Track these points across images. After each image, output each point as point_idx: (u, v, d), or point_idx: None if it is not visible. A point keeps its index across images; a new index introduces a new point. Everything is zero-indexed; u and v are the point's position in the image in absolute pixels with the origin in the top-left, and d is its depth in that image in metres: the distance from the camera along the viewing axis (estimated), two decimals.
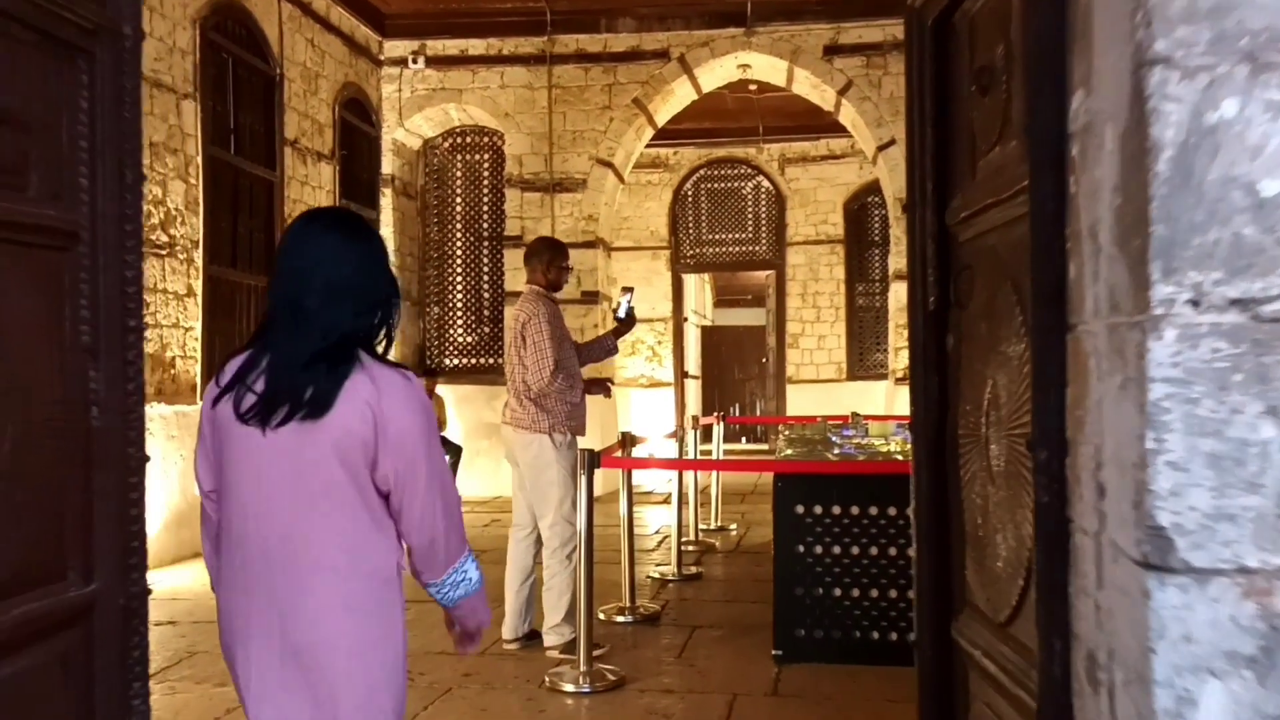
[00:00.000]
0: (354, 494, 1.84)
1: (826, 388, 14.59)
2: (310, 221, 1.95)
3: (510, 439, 4.83)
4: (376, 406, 1.81)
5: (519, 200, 10.72)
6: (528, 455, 4.75)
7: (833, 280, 14.83)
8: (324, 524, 1.84)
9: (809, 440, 5.91)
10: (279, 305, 1.88)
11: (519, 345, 4.72)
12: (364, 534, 1.86)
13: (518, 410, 4.78)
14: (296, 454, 1.83)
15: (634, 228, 14.92)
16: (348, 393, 1.81)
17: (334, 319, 1.83)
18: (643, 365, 14.94)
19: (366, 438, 1.81)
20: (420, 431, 1.86)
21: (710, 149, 14.89)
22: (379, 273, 1.94)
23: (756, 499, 10.13)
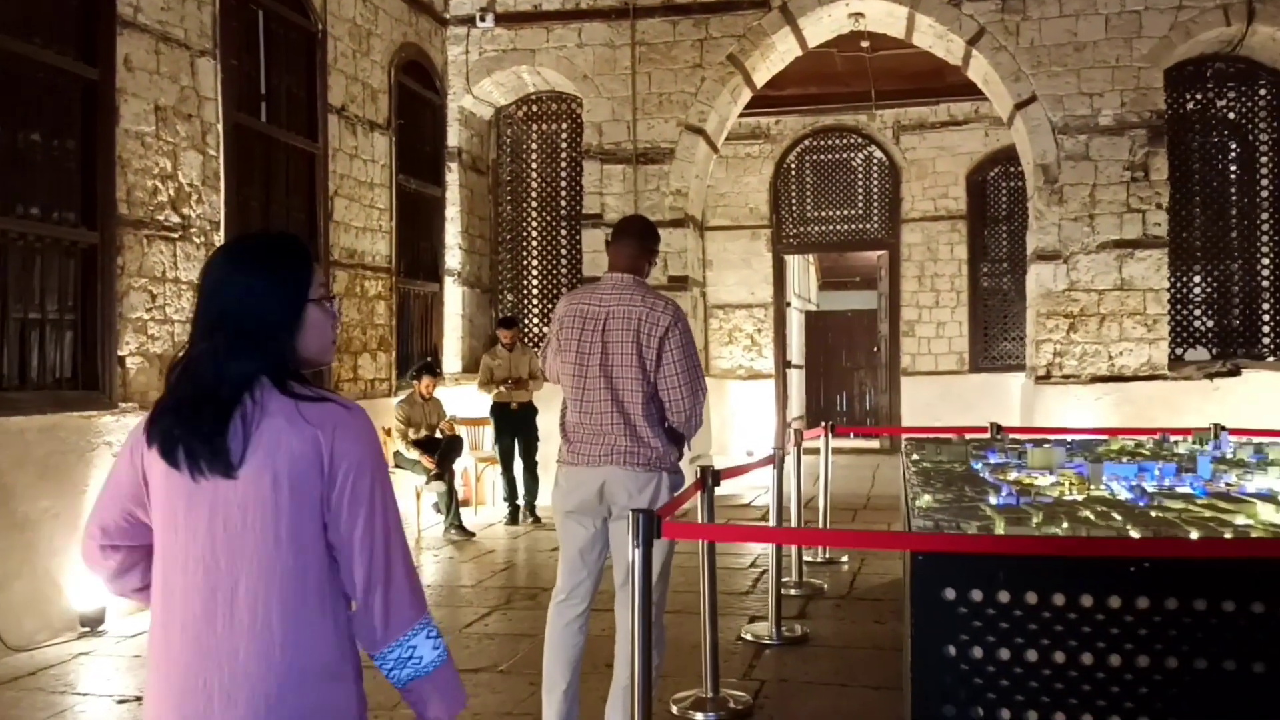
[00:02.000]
0: (293, 560, 1.64)
1: (946, 380, 13.11)
2: (214, 253, 1.81)
3: (613, 480, 3.62)
4: (313, 442, 1.64)
5: (599, 173, 9.48)
6: (642, 497, 3.59)
7: (953, 260, 13.29)
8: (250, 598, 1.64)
9: (945, 471, 4.54)
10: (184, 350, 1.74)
11: (647, 355, 3.62)
12: (305, 615, 1.64)
13: (627, 441, 3.63)
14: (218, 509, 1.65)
15: (731, 205, 13.60)
16: (273, 432, 1.64)
17: (217, 358, 1.67)
18: (741, 355, 13.64)
19: (301, 481, 1.63)
20: (365, 465, 1.67)
21: (816, 116, 13.48)
22: (266, 300, 1.70)
23: (870, 516, 8.75)
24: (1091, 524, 3.13)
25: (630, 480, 3.60)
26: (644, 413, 3.61)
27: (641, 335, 3.60)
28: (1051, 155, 8.69)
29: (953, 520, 3.20)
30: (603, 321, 3.65)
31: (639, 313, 3.62)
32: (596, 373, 3.63)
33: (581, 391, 3.66)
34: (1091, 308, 8.64)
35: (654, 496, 3.63)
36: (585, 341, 3.66)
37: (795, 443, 6.43)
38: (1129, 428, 6.61)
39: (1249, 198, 9.02)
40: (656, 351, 3.60)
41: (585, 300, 3.73)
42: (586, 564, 3.74)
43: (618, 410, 3.61)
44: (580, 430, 3.68)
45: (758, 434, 13.53)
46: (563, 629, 3.77)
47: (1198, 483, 4.08)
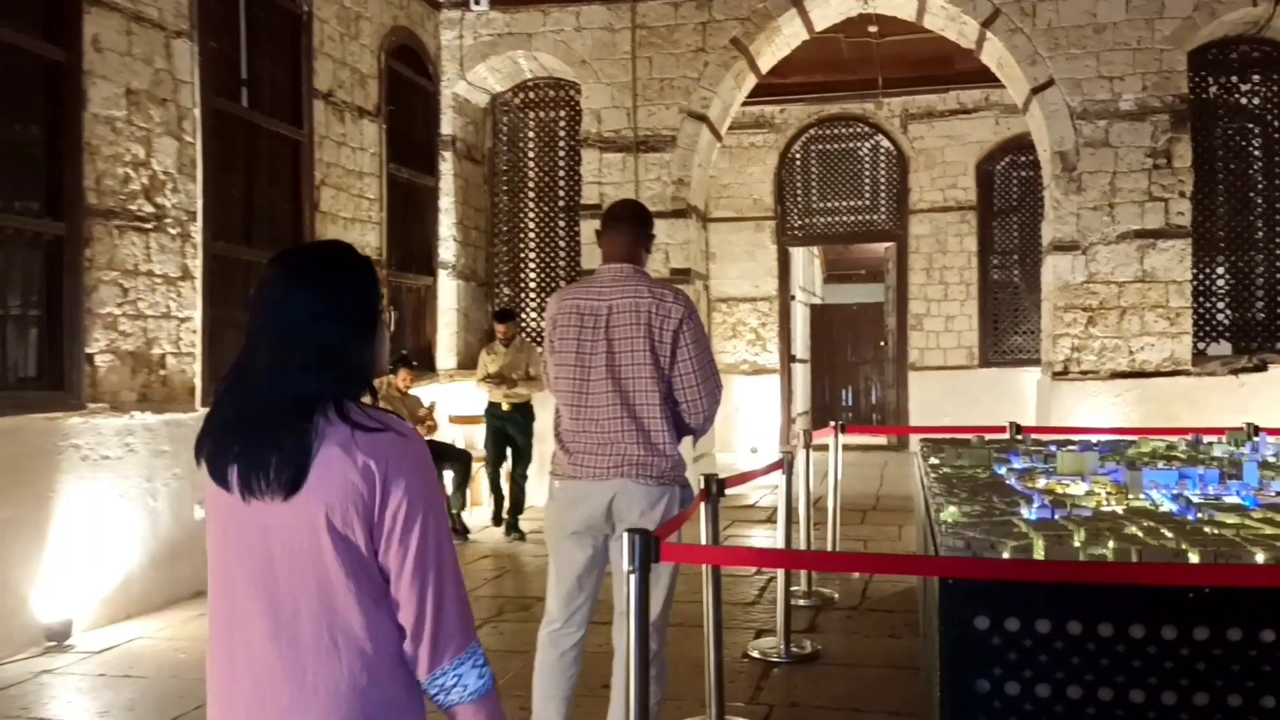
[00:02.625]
0: (350, 589, 1.60)
1: (955, 375, 12.77)
2: (269, 265, 1.71)
3: (624, 495, 3.27)
4: (365, 473, 1.58)
5: (597, 162, 9.14)
6: (653, 516, 3.24)
7: (963, 252, 12.94)
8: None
9: (968, 477, 4.21)
10: (235, 362, 1.68)
11: (661, 352, 3.27)
12: (366, 642, 1.61)
13: (640, 451, 3.27)
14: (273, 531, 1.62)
15: (734, 196, 13.27)
16: (326, 460, 1.59)
17: (278, 377, 1.62)
18: (745, 350, 13.31)
19: (354, 511, 1.59)
20: (417, 495, 1.61)
21: (822, 105, 13.12)
22: (333, 317, 1.64)
23: (880, 517, 8.42)
24: (1142, 543, 2.80)
25: (643, 496, 3.25)
26: (660, 416, 3.27)
27: (654, 330, 3.25)
28: (1069, 142, 8.34)
29: (986, 539, 2.87)
30: (605, 317, 3.29)
31: (648, 305, 3.26)
32: (602, 374, 3.28)
33: (584, 396, 3.31)
34: (1111, 300, 8.30)
35: (667, 512, 3.28)
36: (586, 340, 3.31)
37: (805, 443, 6.09)
38: (1157, 428, 6.26)
39: (1274, 186, 8.66)
40: (670, 347, 3.26)
41: (582, 295, 3.37)
42: (585, 589, 3.40)
43: (629, 415, 3.26)
44: (583, 439, 3.32)
45: (762, 430, 13.21)
46: (556, 660, 3.42)
47: (1245, 491, 3.74)
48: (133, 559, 5.79)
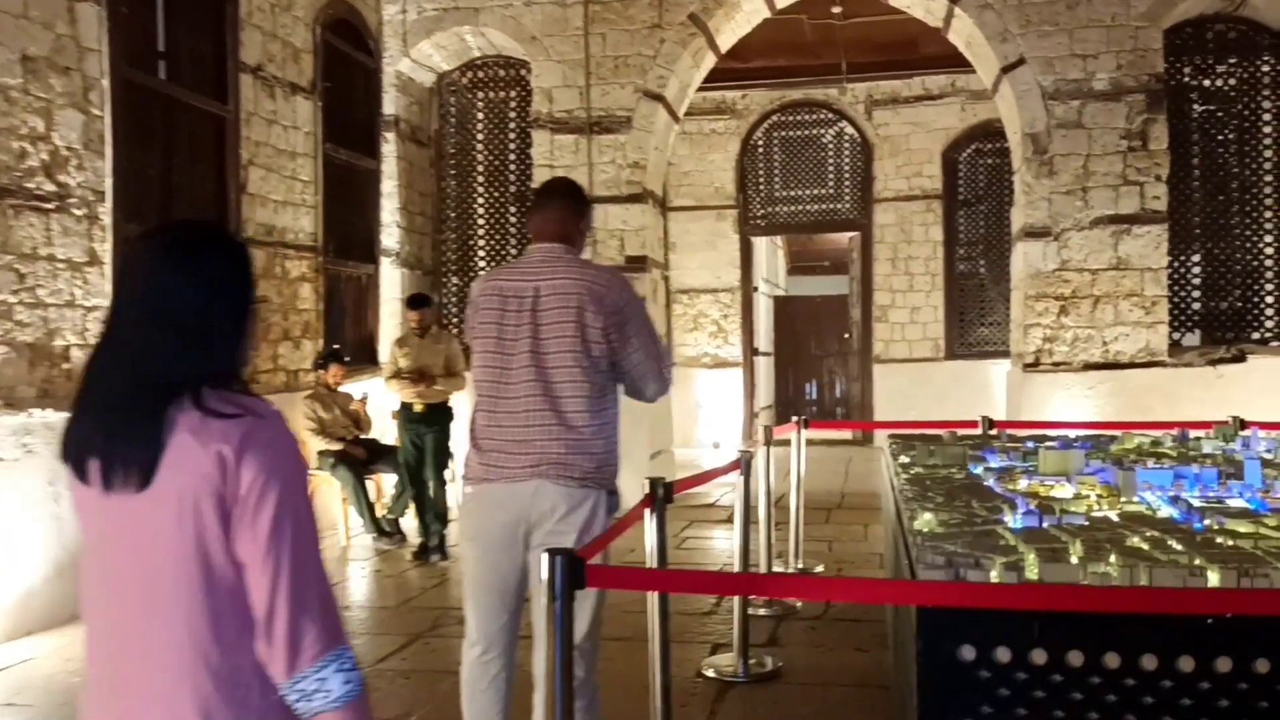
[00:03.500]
0: (202, 584, 1.50)
1: (921, 368, 12.45)
2: (136, 242, 1.69)
3: (541, 497, 2.91)
4: (218, 461, 1.49)
5: (549, 144, 8.68)
6: (571, 521, 2.91)
7: (928, 242, 12.60)
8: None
9: (943, 478, 3.81)
10: (98, 343, 1.60)
11: (592, 339, 2.95)
12: (217, 642, 1.50)
13: (560, 449, 2.93)
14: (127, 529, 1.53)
15: (695, 184, 12.85)
16: (178, 448, 1.49)
17: (140, 360, 1.53)
18: (706, 342, 12.90)
19: (208, 502, 1.49)
20: (272, 480, 1.50)
21: (784, 91, 12.73)
22: (202, 300, 1.56)
23: (845, 516, 8.05)
24: (1150, 559, 2.40)
25: (561, 498, 2.90)
26: (588, 410, 2.95)
27: (586, 316, 2.93)
28: (1041, 123, 7.99)
29: (969, 555, 2.46)
30: (531, 300, 2.98)
31: (579, 288, 2.95)
32: (525, 361, 2.95)
33: (503, 387, 2.97)
34: (1084, 289, 7.96)
35: (588, 521, 2.92)
36: (509, 324, 2.99)
37: (765, 441, 5.68)
38: (1138, 422, 5.92)
39: (1251, 171, 8.36)
40: (605, 333, 2.94)
41: (506, 277, 3.07)
42: (507, 604, 3.03)
43: (551, 409, 2.93)
44: (499, 436, 2.97)
45: (724, 425, 12.82)
46: (487, 687, 3.03)
47: (1249, 493, 3.38)
48: (34, 571, 5.27)
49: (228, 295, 1.60)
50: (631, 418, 7.99)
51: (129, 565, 1.53)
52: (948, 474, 3.90)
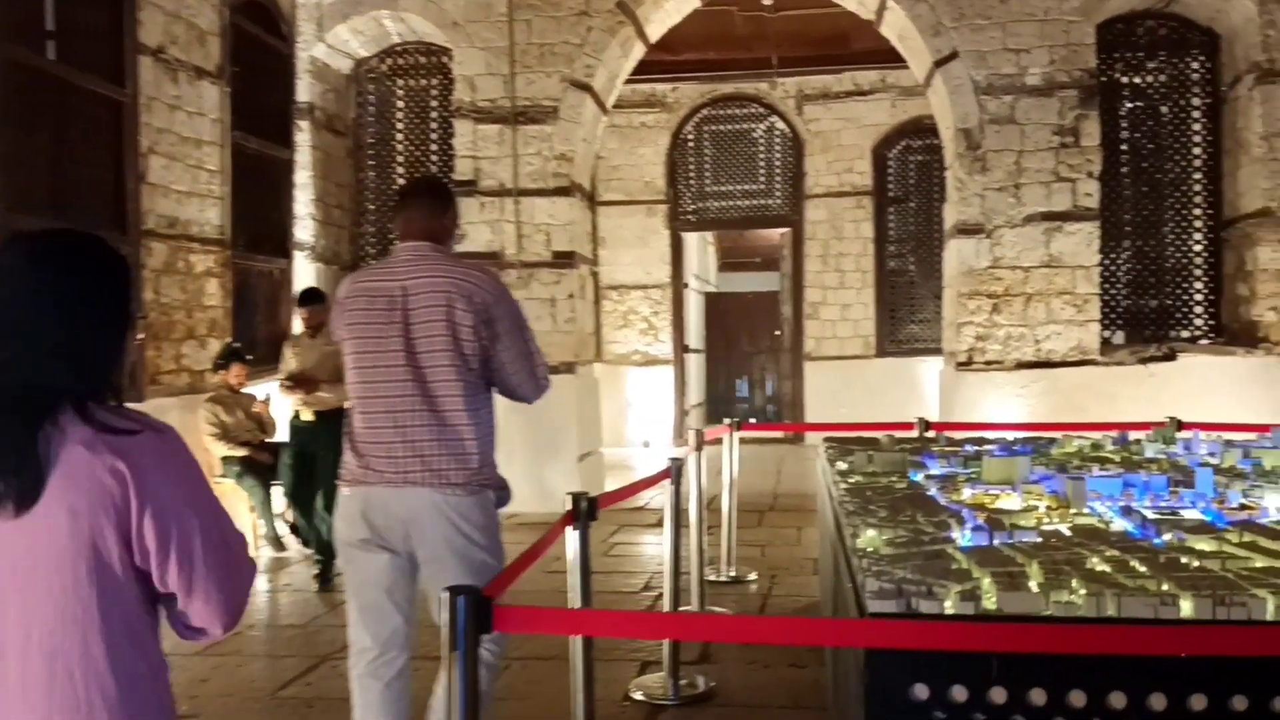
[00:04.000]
0: (97, 604, 1.47)
1: (852, 365, 12.36)
2: (4, 250, 1.58)
3: (423, 505, 2.86)
4: (116, 476, 1.46)
5: (472, 134, 8.35)
6: (459, 528, 2.87)
7: (859, 239, 12.51)
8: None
9: (884, 487, 3.60)
10: None
11: (464, 338, 2.91)
12: (111, 664, 1.48)
13: (439, 450, 2.88)
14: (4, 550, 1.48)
15: (625, 178, 12.61)
16: (69, 463, 1.45)
17: (8, 373, 1.48)
18: (637, 339, 12.68)
19: (105, 521, 1.45)
20: (177, 494, 1.49)
21: (715, 84, 12.56)
22: (76, 311, 1.52)
23: (778, 518, 7.87)
24: (1116, 584, 2.20)
25: (447, 506, 2.86)
26: (466, 409, 2.91)
27: (456, 314, 2.90)
28: (974, 118, 7.87)
29: (921, 582, 2.23)
30: (401, 300, 2.93)
31: (450, 286, 2.91)
32: (399, 361, 2.91)
33: (375, 388, 2.93)
34: (1017, 287, 7.87)
35: (482, 527, 2.89)
36: (378, 325, 2.94)
37: (696, 446, 5.45)
38: (1076, 423, 5.80)
39: (1180, 168, 8.36)
40: (474, 332, 2.91)
41: (373, 276, 3.03)
42: (397, 603, 2.96)
43: (429, 409, 2.89)
44: (377, 438, 2.91)
45: (655, 423, 12.61)
46: (381, 693, 2.90)
47: (1202, 502, 3.22)
48: None
49: (97, 308, 1.55)
50: (557, 419, 7.66)
51: (6, 592, 1.47)
52: (888, 483, 3.70)
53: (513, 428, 7.60)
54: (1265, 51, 7.47)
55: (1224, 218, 8.21)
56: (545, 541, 2.70)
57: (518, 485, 7.45)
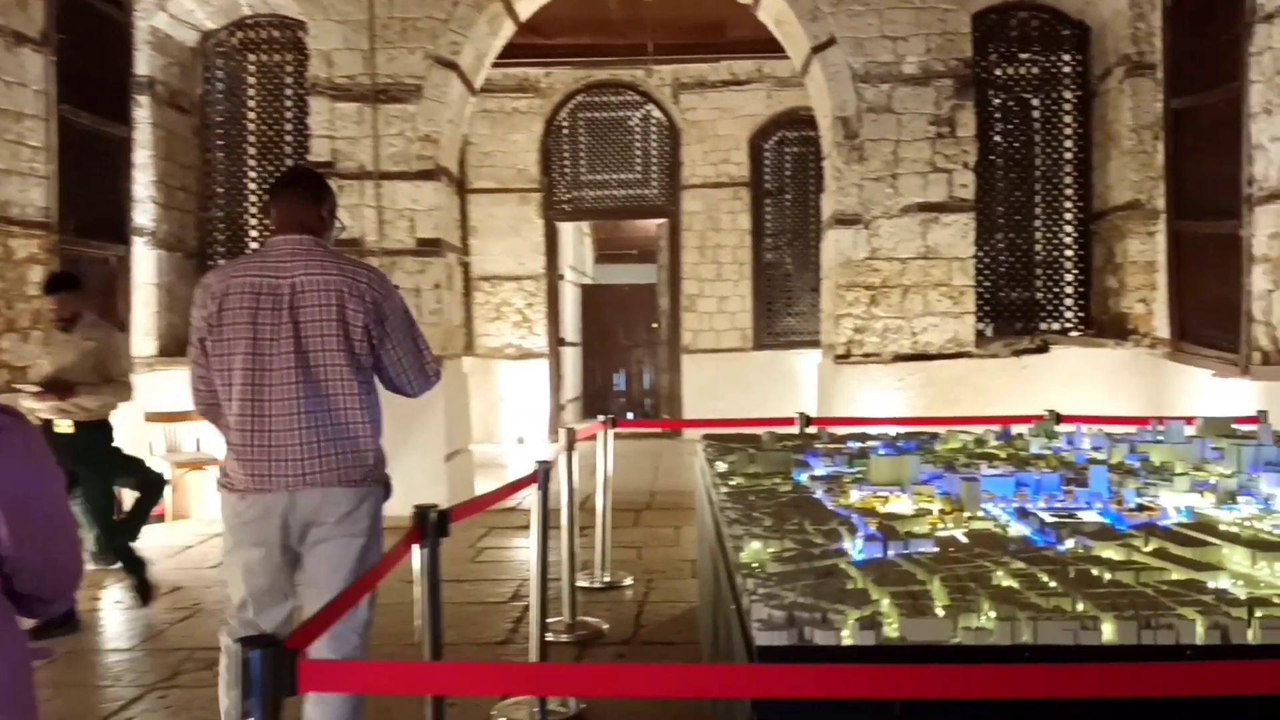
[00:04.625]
0: None
1: (729, 358, 12.18)
2: None
3: (315, 503, 2.90)
4: None
5: (329, 113, 7.81)
6: (348, 525, 2.94)
7: (736, 230, 12.34)
8: None
9: (767, 491, 3.34)
10: None
11: (355, 336, 2.93)
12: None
13: (334, 449, 2.92)
14: None
15: (497, 165, 12.15)
16: None
17: None
18: (510, 332, 12.24)
19: None
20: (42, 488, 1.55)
21: (590, 70, 12.20)
22: None
23: (655, 517, 7.60)
24: (1030, 604, 1.95)
25: (342, 500, 2.92)
26: (360, 408, 2.95)
27: (348, 313, 2.91)
28: (852, 106, 7.73)
29: (814, 605, 1.95)
30: (290, 298, 2.90)
31: (339, 283, 2.92)
32: (289, 362, 2.88)
33: (264, 390, 2.88)
34: (894, 278, 7.77)
35: (372, 518, 2.98)
36: (266, 325, 2.89)
37: (567, 445, 5.11)
38: (957, 417, 5.68)
39: (1052, 161, 8.39)
40: (365, 331, 2.93)
41: (256, 271, 2.95)
42: (289, 596, 3.03)
43: (323, 410, 2.90)
44: (265, 442, 2.88)
45: (530, 418, 12.21)
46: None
47: (1099, 503, 3.05)
48: None
49: None
50: (422, 416, 7.19)
51: None
52: (772, 485, 3.43)
53: None
54: (1135, 44, 7.52)
55: (1094, 210, 8.27)
56: (386, 563, 2.32)
57: None
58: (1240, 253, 6.18)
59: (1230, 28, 6.27)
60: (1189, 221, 7.18)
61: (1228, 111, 6.37)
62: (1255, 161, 5.98)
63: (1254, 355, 6.06)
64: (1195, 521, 2.74)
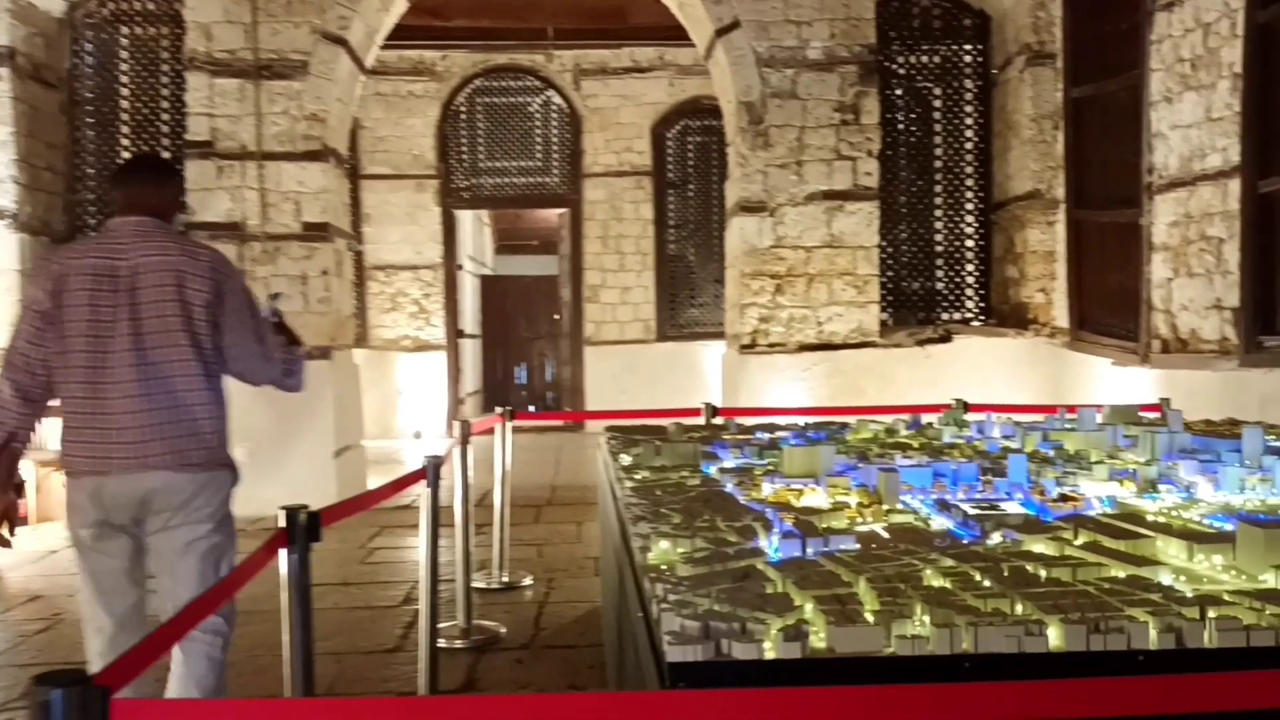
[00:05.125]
0: None
1: (633, 350, 12.03)
2: None
3: (159, 487, 2.87)
4: None
5: (208, 89, 7.36)
6: (190, 511, 2.92)
7: (639, 220, 12.17)
8: None
9: (675, 484, 3.12)
10: None
11: (197, 317, 2.91)
12: None
13: (176, 432, 2.89)
14: None
15: (392, 150, 11.76)
16: None
17: None
18: (407, 324, 11.87)
19: None
20: None
21: (488, 54, 11.89)
22: None
23: (556, 513, 7.35)
24: (967, 608, 1.77)
25: (186, 484, 2.90)
26: (203, 389, 2.93)
27: (188, 293, 2.89)
28: (756, 91, 7.58)
29: (731, 613, 1.74)
30: (129, 279, 2.88)
31: (181, 264, 2.90)
32: (127, 345, 2.85)
33: (103, 372, 2.85)
34: (800, 267, 7.65)
35: (218, 502, 2.96)
36: (104, 307, 2.86)
37: (461, 440, 4.83)
38: (865, 406, 5.57)
39: (953, 151, 8.38)
40: (207, 311, 2.91)
41: (95, 253, 2.93)
42: (135, 580, 2.98)
43: (162, 393, 2.88)
44: (104, 424, 2.85)
45: (428, 412, 11.85)
46: None
47: (1019, 493, 2.91)
48: None
49: None
50: (310, 410, 6.80)
51: None
52: (679, 479, 3.22)
53: (259, 420, 6.74)
54: (1036, 33, 7.53)
55: (995, 200, 8.29)
56: (245, 572, 2.03)
57: (264, 485, 6.48)
58: (1140, 241, 6.20)
59: (1130, 15, 6.29)
60: (1088, 211, 7.22)
61: (1128, 100, 6.40)
62: (1156, 150, 6.01)
63: (1154, 344, 6.09)
64: (1121, 512, 2.61)
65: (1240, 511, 2.63)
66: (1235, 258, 5.28)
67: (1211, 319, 5.54)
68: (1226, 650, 1.63)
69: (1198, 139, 5.59)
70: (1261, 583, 1.97)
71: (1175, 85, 5.79)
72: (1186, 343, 5.80)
